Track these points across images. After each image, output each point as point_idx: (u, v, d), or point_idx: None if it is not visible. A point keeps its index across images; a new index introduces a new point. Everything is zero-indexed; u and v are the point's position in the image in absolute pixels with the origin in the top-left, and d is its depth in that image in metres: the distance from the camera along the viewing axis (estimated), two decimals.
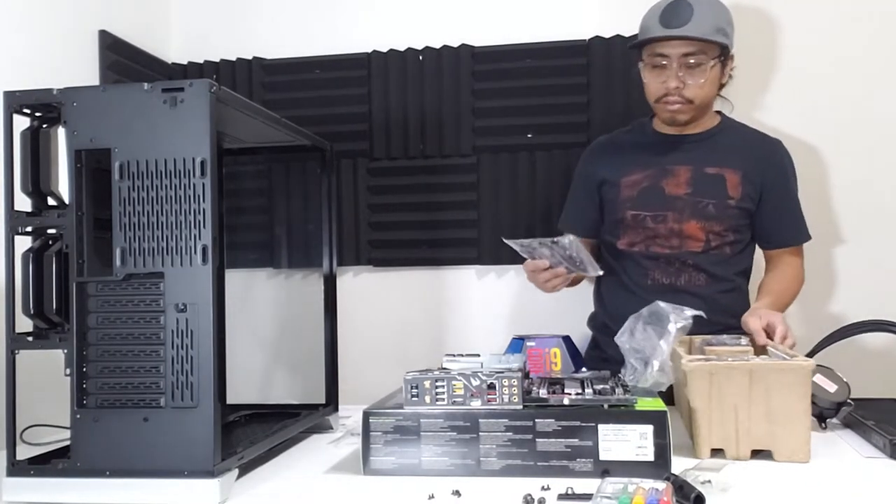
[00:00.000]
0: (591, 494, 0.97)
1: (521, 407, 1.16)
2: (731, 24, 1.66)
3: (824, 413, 1.36)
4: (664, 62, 1.62)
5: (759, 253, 1.80)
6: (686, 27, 1.58)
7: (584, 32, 2.17)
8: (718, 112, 1.78)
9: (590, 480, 1.06)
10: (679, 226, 1.68)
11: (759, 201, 1.70)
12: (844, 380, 1.37)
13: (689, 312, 1.36)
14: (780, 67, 2.12)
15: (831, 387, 1.36)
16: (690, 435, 1.29)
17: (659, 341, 1.31)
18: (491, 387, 1.17)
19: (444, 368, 1.25)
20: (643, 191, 1.71)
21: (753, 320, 1.48)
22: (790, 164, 1.75)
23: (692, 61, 1.61)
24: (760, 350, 1.45)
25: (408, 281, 2.29)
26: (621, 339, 1.39)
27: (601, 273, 1.60)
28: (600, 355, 1.78)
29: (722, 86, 1.71)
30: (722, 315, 1.66)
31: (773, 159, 1.73)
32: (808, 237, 1.77)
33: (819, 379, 1.35)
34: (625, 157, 1.76)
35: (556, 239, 1.54)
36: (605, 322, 1.81)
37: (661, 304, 1.39)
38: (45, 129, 1.15)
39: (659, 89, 1.64)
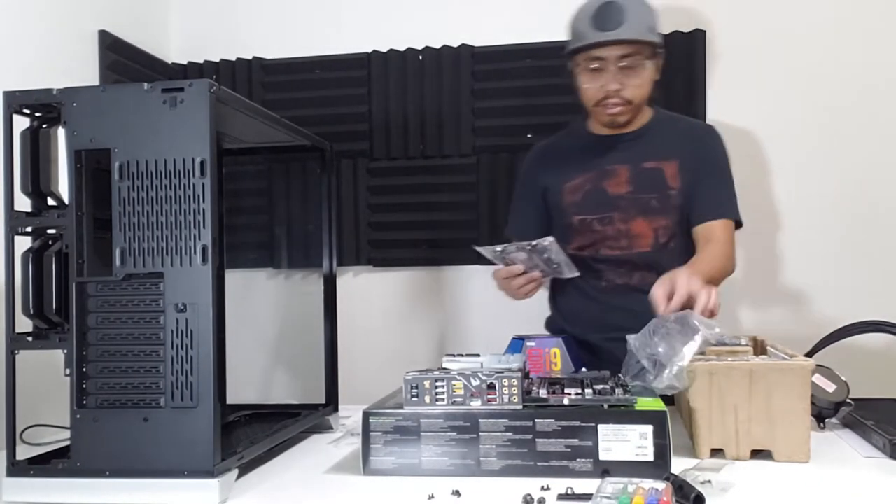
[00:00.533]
0: (591, 494, 0.97)
1: (520, 407, 1.16)
2: (658, 20, 1.65)
3: (823, 413, 1.36)
4: (601, 66, 1.61)
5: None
6: (621, 29, 1.57)
7: None
8: (650, 106, 1.77)
9: (590, 480, 1.06)
10: (626, 226, 1.68)
11: (692, 182, 1.68)
12: (843, 379, 1.37)
13: (718, 329, 1.29)
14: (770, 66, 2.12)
15: (830, 387, 1.36)
16: (690, 435, 1.29)
17: (683, 347, 1.27)
18: (491, 387, 1.17)
19: (444, 368, 1.25)
20: (586, 194, 1.71)
21: (658, 288, 1.37)
22: (721, 146, 1.73)
23: (629, 63, 1.60)
24: (760, 350, 1.45)
25: (408, 281, 2.30)
26: (635, 339, 1.34)
27: (578, 274, 1.58)
28: None
29: (655, 83, 1.70)
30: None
31: (706, 143, 1.72)
32: (733, 214, 1.69)
33: (818, 379, 1.35)
34: (564, 163, 1.75)
35: (534, 242, 1.52)
36: (562, 327, 1.80)
37: (693, 314, 1.32)
38: (44, 129, 1.15)
39: (598, 93, 1.63)
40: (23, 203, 1.14)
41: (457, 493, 1.07)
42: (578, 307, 1.74)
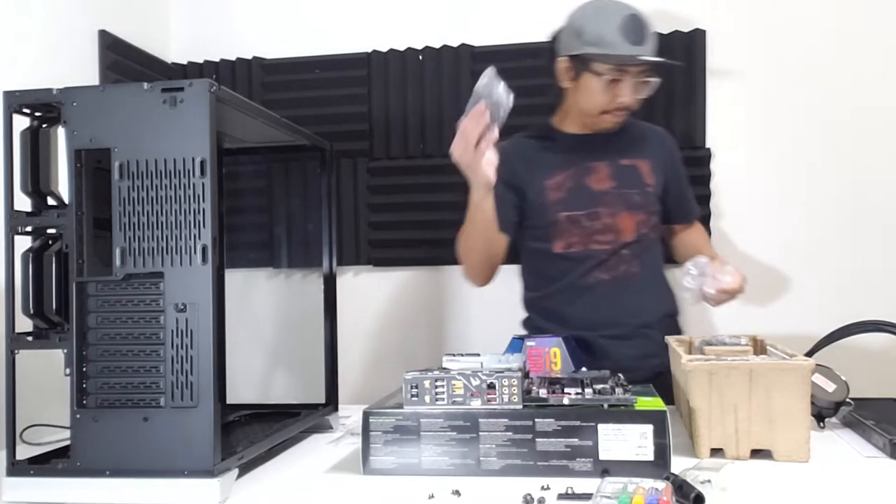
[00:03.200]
0: (591, 494, 0.97)
1: (520, 407, 1.16)
2: None
3: (823, 412, 1.37)
4: (621, 77, 1.61)
5: None
6: (650, 46, 1.59)
7: None
8: None
9: (590, 480, 1.06)
10: (612, 220, 1.69)
11: (664, 186, 1.77)
12: (843, 379, 1.37)
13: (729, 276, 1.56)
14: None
15: (830, 386, 1.36)
16: (690, 435, 1.29)
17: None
18: (491, 387, 1.17)
19: (444, 368, 1.25)
20: (570, 191, 1.70)
21: (736, 278, 1.57)
22: (678, 150, 1.85)
23: (646, 78, 1.63)
24: (760, 350, 1.45)
25: (408, 281, 2.30)
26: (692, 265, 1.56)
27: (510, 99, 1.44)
28: None
29: None
30: (655, 301, 1.75)
31: (668, 148, 1.82)
32: (699, 211, 1.92)
33: (818, 378, 1.35)
34: (540, 161, 1.74)
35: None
36: (543, 328, 1.77)
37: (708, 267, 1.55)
38: (44, 128, 1.15)
39: (610, 103, 1.64)
40: (23, 203, 1.14)
41: (457, 492, 1.07)
42: (567, 307, 1.73)
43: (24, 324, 1.13)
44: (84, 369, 1.11)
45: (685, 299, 1.62)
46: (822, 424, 1.37)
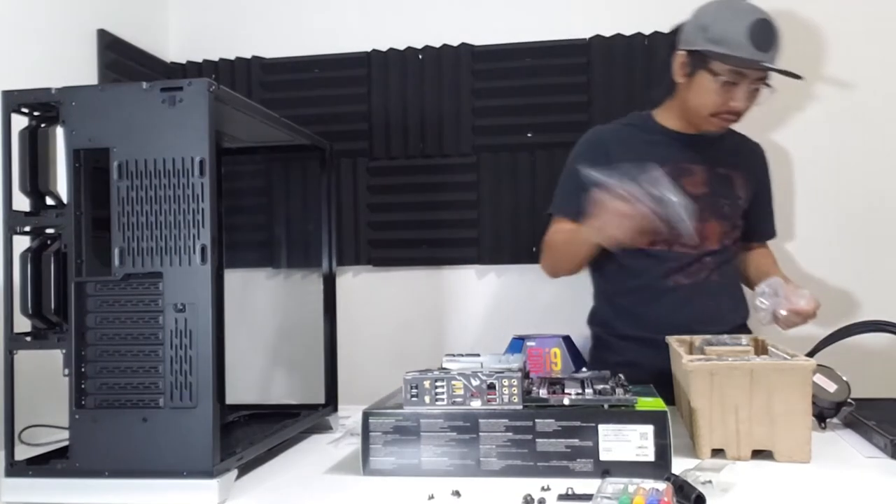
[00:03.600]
0: (592, 495, 0.96)
1: (521, 407, 1.15)
2: None
3: (824, 413, 1.36)
4: (737, 80, 1.57)
5: None
6: (776, 54, 1.56)
7: (584, 31, 2.17)
8: None
9: (590, 481, 1.06)
10: (700, 225, 1.66)
11: (750, 201, 1.77)
12: (845, 379, 1.37)
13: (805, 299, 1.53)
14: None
15: (831, 386, 1.36)
16: (691, 435, 1.28)
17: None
18: (491, 387, 1.16)
19: (444, 368, 1.25)
20: None
21: (810, 302, 1.54)
22: (769, 166, 1.85)
23: (761, 85, 1.60)
24: (761, 350, 1.45)
25: (408, 281, 2.29)
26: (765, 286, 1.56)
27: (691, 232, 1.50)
28: (610, 358, 1.72)
29: None
30: (732, 310, 1.74)
31: (762, 162, 1.83)
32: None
33: (819, 379, 1.34)
34: (637, 152, 1.69)
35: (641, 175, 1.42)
36: (611, 324, 1.76)
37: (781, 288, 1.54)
38: (43, 128, 1.14)
39: (722, 106, 1.60)
40: (21, 203, 1.13)
41: (457, 493, 1.07)
42: (643, 307, 1.71)
43: (22, 324, 1.13)
44: (83, 370, 1.11)
45: (757, 319, 1.60)
46: (823, 425, 1.37)
